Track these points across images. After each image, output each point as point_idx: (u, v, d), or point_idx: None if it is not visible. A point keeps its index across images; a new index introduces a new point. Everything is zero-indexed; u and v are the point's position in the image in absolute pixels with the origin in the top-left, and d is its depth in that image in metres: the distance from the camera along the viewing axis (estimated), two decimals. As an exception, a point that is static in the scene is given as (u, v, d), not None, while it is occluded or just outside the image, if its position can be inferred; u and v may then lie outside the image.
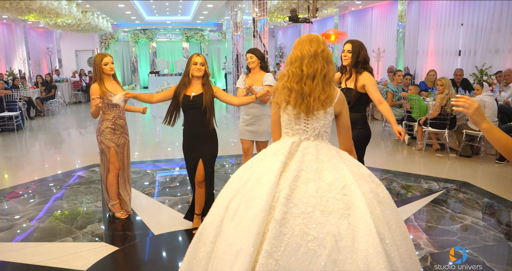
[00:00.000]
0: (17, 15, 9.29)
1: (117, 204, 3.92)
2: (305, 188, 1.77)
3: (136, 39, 19.36)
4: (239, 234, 1.70)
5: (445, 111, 5.86)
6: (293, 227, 1.67)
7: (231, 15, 10.86)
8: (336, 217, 1.70)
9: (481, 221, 3.75)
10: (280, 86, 2.00)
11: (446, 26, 9.44)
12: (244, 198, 1.80)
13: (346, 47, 3.32)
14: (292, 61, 1.99)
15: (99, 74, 3.66)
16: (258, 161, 1.98)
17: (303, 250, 1.63)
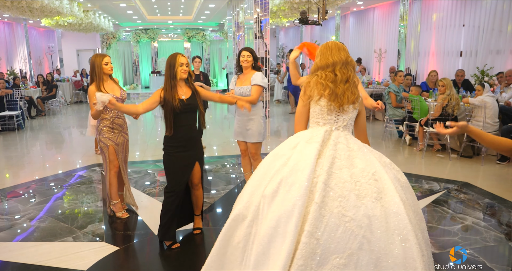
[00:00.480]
0: (19, 15, 9.29)
1: (118, 204, 3.93)
2: (340, 174, 1.96)
3: (137, 38, 19.36)
4: (281, 217, 1.87)
5: (447, 111, 5.85)
6: (332, 209, 1.86)
7: (233, 15, 10.86)
8: (370, 200, 1.89)
9: (482, 221, 3.74)
10: (314, 81, 2.23)
11: (448, 27, 9.42)
12: (282, 184, 1.96)
13: None
14: (324, 66, 2.24)
15: (99, 74, 3.68)
16: (290, 147, 2.14)
17: (341, 230, 1.81)
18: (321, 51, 2.30)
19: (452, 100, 5.81)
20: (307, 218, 1.83)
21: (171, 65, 3.11)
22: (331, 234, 1.80)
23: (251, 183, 2.15)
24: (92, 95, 3.57)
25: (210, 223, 3.83)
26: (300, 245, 1.78)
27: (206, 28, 19.75)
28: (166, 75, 3.14)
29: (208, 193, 4.60)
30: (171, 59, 3.13)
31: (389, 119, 7.53)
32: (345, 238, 1.80)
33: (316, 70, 2.28)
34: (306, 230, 1.80)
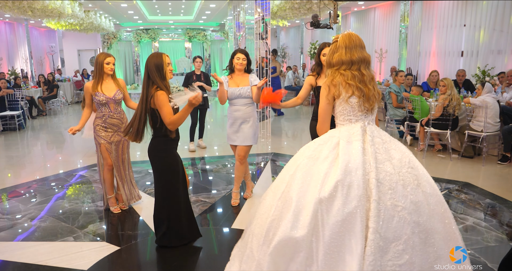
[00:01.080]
0: (20, 15, 9.30)
1: (112, 198, 4.02)
2: (384, 167, 2.08)
3: (138, 39, 19.38)
4: (346, 220, 1.95)
5: (447, 111, 5.85)
6: (385, 202, 1.99)
7: (234, 15, 10.86)
8: (413, 188, 2.06)
9: (483, 222, 3.74)
10: (340, 81, 2.23)
11: (449, 27, 9.41)
12: (339, 186, 2.01)
13: (327, 50, 3.41)
14: (348, 62, 2.24)
15: (100, 71, 3.74)
16: (330, 148, 2.17)
17: (396, 220, 1.96)
18: (344, 43, 2.24)
19: (453, 100, 5.80)
20: (369, 215, 1.96)
21: (158, 66, 2.94)
22: (388, 225, 1.95)
23: (296, 190, 2.10)
24: (85, 92, 3.75)
25: (210, 223, 3.83)
26: (368, 242, 1.91)
27: (207, 28, 19.76)
28: (155, 77, 2.92)
29: (208, 193, 4.60)
30: (157, 59, 2.95)
31: (390, 119, 7.53)
32: (400, 226, 1.96)
33: (339, 65, 2.26)
34: (371, 227, 1.93)
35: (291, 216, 2.04)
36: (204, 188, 4.78)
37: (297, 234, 1.98)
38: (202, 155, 6.39)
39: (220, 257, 3.16)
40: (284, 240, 2.01)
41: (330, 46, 2.35)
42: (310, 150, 2.23)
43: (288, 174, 2.24)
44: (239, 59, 3.95)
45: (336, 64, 2.26)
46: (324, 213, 1.98)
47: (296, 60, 17.79)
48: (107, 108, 3.80)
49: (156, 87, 2.92)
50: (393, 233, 1.95)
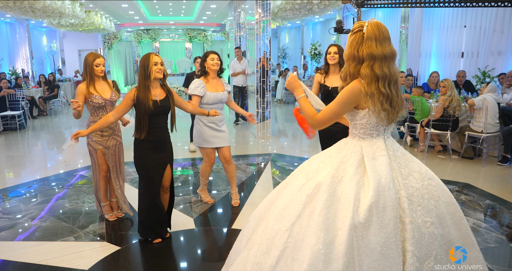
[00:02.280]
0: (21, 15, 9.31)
1: (107, 206, 3.88)
2: (410, 183, 1.94)
3: (139, 39, 19.39)
4: (384, 245, 1.76)
5: (448, 112, 5.85)
6: (416, 219, 1.85)
7: (234, 16, 10.87)
8: (435, 200, 1.95)
9: (483, 223, 3.74)
10: (377, 92, 1.91)
11: (449, 28, 9.42)
12: (374, 209, 1.79)
13: (333, 49, 3.76)
14: (381, 57, 1.90)
15: (90, 73, 3.54)
16: (355, 166, 1.92)
17: (427, 237, 1.85)
18: (374, 34, 1.89)
19: (453, 101, 5.80)
20: (405, 237, 1.81)
21: (144, 65, 3.04)
22: (421, 243, 1.83)
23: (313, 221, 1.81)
24: (79, 94, 3.54)
25: (210, 224, 3.84)
26: (407, 267, 1.77)
27: (208, 28, 19.77)
28: (140, 76, 3.06)
29: (209, 194, 4.60)
30: (145, 59, 3.06)
31: (390, 120, 7.53)
32: (430, 243, 1.86)
33: (370, 60, 1.90)
34: (409, 250, 1.79)
35: (322, 247, 1.76)
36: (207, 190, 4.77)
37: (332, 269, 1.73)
38: (203, 156, 6.38)
39: (221, 258, 3.16)
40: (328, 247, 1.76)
41: (350, 36, 1.97)
42: (332, 167, 1.95)
43: (305, 194, 1.93)
44: (213, 60, 3.92)
45: (366, 58, 1.90)
46: (360, 240, 1.76)
47: (296, 61, 17.80)
48: (104, 111, 3.63)
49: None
50: (425, 251, 1.83)
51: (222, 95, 3.98)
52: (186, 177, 5.25)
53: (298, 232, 1.86)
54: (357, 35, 1.94)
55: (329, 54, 3.76)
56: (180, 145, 7.13)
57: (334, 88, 3.71)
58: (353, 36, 1.95)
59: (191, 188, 4.82)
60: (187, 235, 3.58)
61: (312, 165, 2.07)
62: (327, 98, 3.72)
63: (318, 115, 2.03)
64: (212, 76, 3.98)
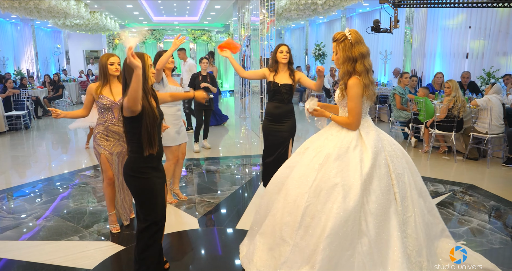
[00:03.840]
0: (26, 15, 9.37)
1: (112, 216, 3.64)
2: (385, 147, 2.58)
3: (143, 39, 19.45)
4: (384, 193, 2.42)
5: (452, 113, 5.83)
6: (396, 170, 2.58)
7: (239, 16, 10.88)
8: (401, 157, 2.65)
9: (487, 224, 3.72)
10: (369, 82, 2.53)
11: (454, 28, 9.38)
12: (375, 167, 2.44)
13: (284, 48, 3.93)
14: (365, 55, 2.51)
15: (105, 74, 3.37)
16: (356, 139, 2.54)
17: (402, 182, 2.56)
18: (358, 38, 2.50)
19: (458, 102, 5.78)
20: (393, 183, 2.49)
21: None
22: (402, 187, 2.53)
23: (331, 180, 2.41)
24: (87, 93, 3.40)
25: (215, 224, 3.84)
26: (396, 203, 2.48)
27: (212, 29, 19.80)
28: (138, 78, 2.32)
29: (213, 194, 4.61)
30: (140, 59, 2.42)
31: (395, 121, 7.51)
32: (406, 186, 2.56)
33: (361, 58, 2.49)
34: (396, 192, 2.49)
35: (341, 198, 2.32)
36: (208, 189, 4.79)
37: (350, 207, 2.32)
38: (207, 156, 6.40)
39: (225, 258, 3.17)
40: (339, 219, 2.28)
41: (337, 44, 2.54)
42: (338, 141, 2.53)
43: (317, 163, 2.49)
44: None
45: (359, 57, 2.49)
46: (366, 188, 2.38)
47: (300, 61, 17.79)
48: (110, 113, 3.41)
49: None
50: (404, 192, 2.49)
51: (181, 90, 4.10)
52: (190, 177, 5.26)
53: (316, 191, 2.41)
54: (346, 42, 2.50)
55: (281, 52, 3.90)
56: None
57: (283, 85, 3.93)
58: (343, 44, 2.51)
59: (195, 188, 4.83)
60: (191, 235, 3.59)
61: (317, 142, 2.64)
62: (276, 94, 3.98)
63: (350, 118, 2.56)
64: (167, 73, 4.13)
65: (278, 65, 3.95)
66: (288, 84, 3.92)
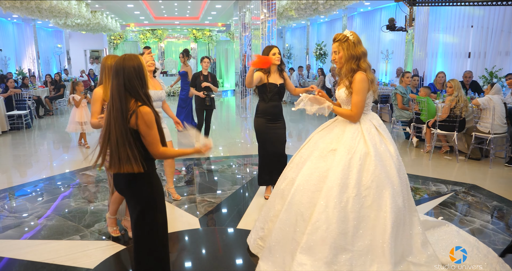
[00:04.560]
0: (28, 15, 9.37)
1: (112, 219, 3.52)
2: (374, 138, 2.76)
3: (144, 39, 19.46)
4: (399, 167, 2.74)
5: (454, 113, 5.81)
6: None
7: (240, 16, 10.87)
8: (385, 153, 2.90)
9: (490, 224, 3.71)
10: (373, 77, 2.73)
11: (456, 28, 9.36)
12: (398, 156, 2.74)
13: (276, 50, 4.08)
14: (365, 54, 2.73)
15: (109, 76, 3.16)
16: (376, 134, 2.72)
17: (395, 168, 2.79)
18: (357, 39, 2.71)
19: (460, 101, 5.76)
20: None
21: (140, 72, 2.17)
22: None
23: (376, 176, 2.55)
24: (97, 100, 3.18)
25: (216, 224, 3.83)
26: None
27: (213, 28, 19.80)
28: (136, 87, 2.15)
29: (214, 193, 4.60)
30: (136, 62, 2.17)
31: (396, 121, 7.49)
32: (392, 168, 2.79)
33: (364, 56, 2.70)
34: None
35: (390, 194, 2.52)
36: (209, 188, 4.78)
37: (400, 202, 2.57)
38: (208, 155, 6.40)
39: (225, 257, 3.16)
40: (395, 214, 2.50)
41: (340, 44, 2.72)
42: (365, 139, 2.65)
43: (357, 163, 2.57)
44: (148, 61, 3.87)
45: (362, 56, 2.68)
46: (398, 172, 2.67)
47: (301, 61, 17.77)
48: None
49: (136, 100, 2.15)
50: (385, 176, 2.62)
51: (162, 93, 4.06)
52: (191, 177, 5.25)
53: (367, 189, 2.52)
54: (349, 42, 2.69)
55: (274, 54, 4.06)
56: (185, 145, 7.14)
57: (281, 85, 4.16)
58: (346, 43, 2.69)
59: (196, 187, 4.82)
60: (192, 234, 3.58)
61: (350, 143, 2.65)
62: (275, 95, 4.15)
63: (353, 110, 2.69)
64: (150, 75, 3.99)
65: (270, 66, 4.11)
66: (282, 84, 4.17)
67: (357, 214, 2.47)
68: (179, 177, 5.29)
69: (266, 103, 4.16)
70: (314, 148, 2.79)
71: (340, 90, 2.81)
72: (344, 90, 2.74)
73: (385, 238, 2.43)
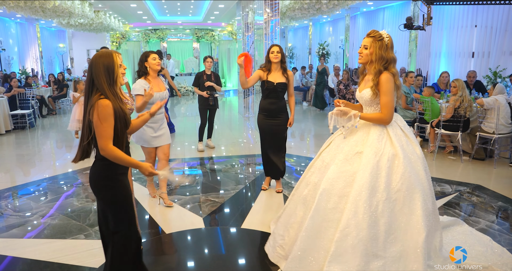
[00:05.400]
0: (31, 15, 9.39)
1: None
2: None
3: (147, 39, 19.47)
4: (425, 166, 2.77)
5: (459, 113, 5.78)
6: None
7: (242, 16, 10.86)
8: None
9: (495, 225, 3.69)
10: (399, 84, 2.71)
11: (460, 27, 9.32)
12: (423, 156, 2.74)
13: (276, 49, 4.13)
14: (395, 60, 2.74)
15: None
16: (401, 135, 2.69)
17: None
18: (392, 43, 2.68)
19: (464, 101, 5.74)
20: None
21: (109, 68, 2.24)
22: None
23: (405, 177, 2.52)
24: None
25: (219, 223, 3.83)
26: None
27: (215, 28, 19.80)
28: (102, 82, 2.21)
29: (217, 193, 4.60)
30: (107, 59, 2.26)
31: (400, 121, 7.46)
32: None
33: (393, 62, 2.67)
34: None
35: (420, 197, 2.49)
36: (213, 188, 4.77)
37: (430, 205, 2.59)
38: (211, 155, 6.39)
39: (229, 257, 3.15)
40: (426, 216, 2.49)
41: (374, 41, 2.66)
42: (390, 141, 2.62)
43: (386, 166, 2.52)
44: (155, 59, 3.94)
45: (391, 61, 2.65)
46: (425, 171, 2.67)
47: (304, 61, 17.75)
48: None
49: (100, 94, 2.22)
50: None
51: (166, 94, 4.06)
52: (194, 177, 5.25)
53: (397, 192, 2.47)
54: (382, 42, 2.64)
55: (272, 53, 4.12)
56: (188, 144, 7.14)
57: (278, 84, 4.17)
58: (380, 43, 2.64)
59: (199, 187, 4.81)
60: (195, 234, 3.57)
61: (376, 145, 2.59)
62: (272, 93, 4.22)
63: (384, 112, 2.62)
64: (153, 76, 4.00)
65: (271, 64, 4.20)
66: (283, 83, 4.20)
67: (388, 218, 2.39)
68: (182, 176, 5.28)
69: (264, 99, 4.33)
70: (337, 151, 2.69)
71: (363, 90, 2.72)
72: (369, 90, 2.66)
73: (418, 243, 2.37)
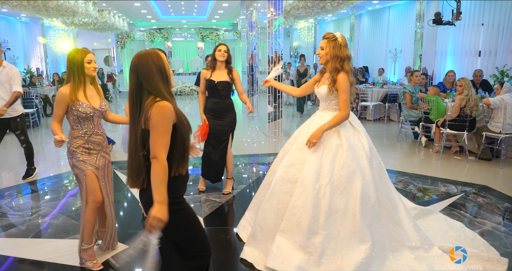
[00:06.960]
0: (35, 14, 9.40)
1: (91, 250, 2.95)
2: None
3: (151, 38, 19.49)
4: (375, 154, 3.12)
5: (464, 112, 5.71)
6: None
7: (246, 15, 10.82)
8: None
9: (501, 226, 3.62)
10: (353, 81, 2.97)
11: (466, 26, 9.21)
12: (371, 148, 3.05)
13: (223, 47, 4.20)
14: (350, 58, 2.96)
15: (79, 74, 2.77)
16: (350, 127, 3.03)
17: None
18: (345, 42, 2.92)
19: (470, 100, 5.66)
20: None
21: (161, 67, 1.91)
22: None
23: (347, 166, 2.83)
24: (61, 101, 2.76)
25: (220, 223, 3.79)
26: None
27: (220, 27, 19.78)
28: (157, 82, 1.88)
29: (219, 193, 4.56)
30: (158, 58, 1.91)
31: (405, 120, 7.40)
32: None
33: (348, 60, 2.91)
34: None
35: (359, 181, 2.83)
36: (214, 188, 4.74)
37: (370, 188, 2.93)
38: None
39: (230, 258, 3.12)
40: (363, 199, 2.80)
41: (328, 42, 2.92)
42: (337, 132, 2.94)
43: (330, 154, 2.85)
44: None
45: (346, 58, 2.89)
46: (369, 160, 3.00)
47: (309, 60, 17.67)
48: (91, 123, 2.87)
49: (155, 97, 1.87)
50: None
51: None
52: (196, 176, 5.22)
53: (338, 178, 2.78)
54: (336, 42, 2.90)
55: (219, 51, 4.19)
56: (191, 144, 7.10)
57: (220, 82, 4.19)
58: (333, 43, 2.90)
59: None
60: (197, 234, 3.54)
61: (324, 136, 2.93)
62: (214, 92, 4.23)
63: (343, 108, 2.90)
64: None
65: (216, 63, 4.24)
66: (224, 81, 4.20)
67: (328, 200, 2.73)
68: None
69: (208, 99, 4.32)
70: (294, 142, 3.05)
71: (321, 87, 3.03)
72: (325, 87, 2.96)
73: (355, 223, 2.71)
